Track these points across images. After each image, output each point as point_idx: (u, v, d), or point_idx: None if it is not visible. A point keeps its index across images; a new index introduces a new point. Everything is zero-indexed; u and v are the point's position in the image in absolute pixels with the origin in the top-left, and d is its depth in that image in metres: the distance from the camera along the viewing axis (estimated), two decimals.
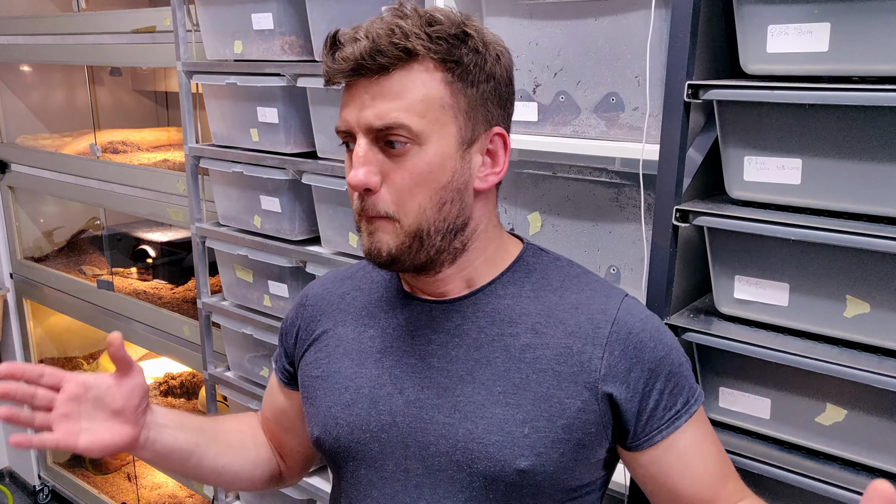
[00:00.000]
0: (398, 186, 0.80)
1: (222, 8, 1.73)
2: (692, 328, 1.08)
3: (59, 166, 2.65)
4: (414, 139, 0.79)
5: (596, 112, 1.22)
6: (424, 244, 0.82)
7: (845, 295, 0.99)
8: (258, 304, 1.87)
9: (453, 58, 0.79)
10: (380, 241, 0.82)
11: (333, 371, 0.93)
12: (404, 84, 0.78)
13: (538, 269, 0.91)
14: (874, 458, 0.99)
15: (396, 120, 0.78)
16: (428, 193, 0.80)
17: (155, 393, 2.87)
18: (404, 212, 0.80)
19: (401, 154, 0.79)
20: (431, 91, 0.79)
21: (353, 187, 0.80)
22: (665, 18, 1.10)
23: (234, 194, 1.85)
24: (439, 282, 0.88)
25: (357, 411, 0.89)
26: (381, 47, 0.77)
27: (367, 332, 0.93)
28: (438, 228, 0.82)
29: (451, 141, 0.80)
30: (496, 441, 0.83)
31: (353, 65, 0.78)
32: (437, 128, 0.79)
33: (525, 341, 0.85)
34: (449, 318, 0.88)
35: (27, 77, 3.04)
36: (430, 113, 0.79)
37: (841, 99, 0.91)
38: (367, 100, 0.79)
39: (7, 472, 3.34)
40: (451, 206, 0.82)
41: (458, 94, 0.80)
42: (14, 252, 3.03)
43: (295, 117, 1.68)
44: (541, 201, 1.33)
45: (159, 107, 3.22)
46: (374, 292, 0.96)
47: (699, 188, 1.14)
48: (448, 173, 0.81)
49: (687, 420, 0.86)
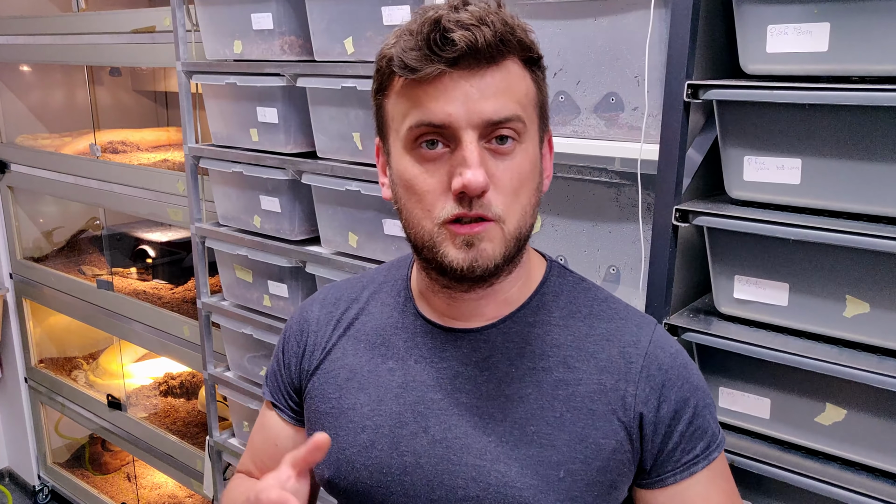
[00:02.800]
0: (506, 187, 0.74)
1: (222, 8, 1.73)
2: (692, 328, 1.08)
3: (58, 166, 2.65)
4: (522, 135, 0.74)
5: (595, 112, 1.22)
6: (519, 249, 0.77)
7: (845, 295, 0.99)
8: (258, 304, 1.86)
9: (540, 55, 0.77)
10: (485, 252, 0.74)
11: (347, 408, 0.85)
12: (510, 78, 0.73)
13: (565, 292, 0.86)
14: (874, 458, 0.99)
15: (515, 112, 0.73)
16: (528, 195, 0.76)
17: (155, 393, 2.87)
18: (510, 213, 0.74)
19: (508, 152, 0.74)
20: (529, 87, 0.76)
21: (471, 190, 0.71)
22: (664, 18, 1.10)
23: (234, 194, 1.85)
24: (483, 299, 0.82)
25: (377, 453, 0.82)
26: (503, 36, 0.71)
27: (384, 363, 0.85)
28: (528, 233, 0.78)
29: (536, 140, 0.78)
30: (532, 485, 0.77)
31: (466, 51, 0.70)
32: (531, 125, 0.76)
33: (558, 376, 0.80)
34: (477, 350, 0.82)
35: (27, 77, 3.04)
36: (529, 109, 0.76)
37: (840, 99, 0.91)
38: (474, 93, 0.71)
39: (7, 472, 3.34)
40: (537, 210, 0.79)
41: (540, 93, 0.78)
42: (14, 252, 3.02)
43: (295, 117, 1.68)
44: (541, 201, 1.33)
45: (159, 107, 3.22)
46: (388, 318, 0.88)
47: (699, 188, 1.14)
48: (538, 174, 0.78)
49: (705, 467, 0.81)
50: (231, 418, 2.12)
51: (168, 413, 2.73)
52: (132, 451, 2.72)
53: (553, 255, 1.33)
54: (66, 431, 3.24)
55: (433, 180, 0.74)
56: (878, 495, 0.95)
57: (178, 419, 2.68)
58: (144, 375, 2.98)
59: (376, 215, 1.54)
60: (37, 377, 3.07)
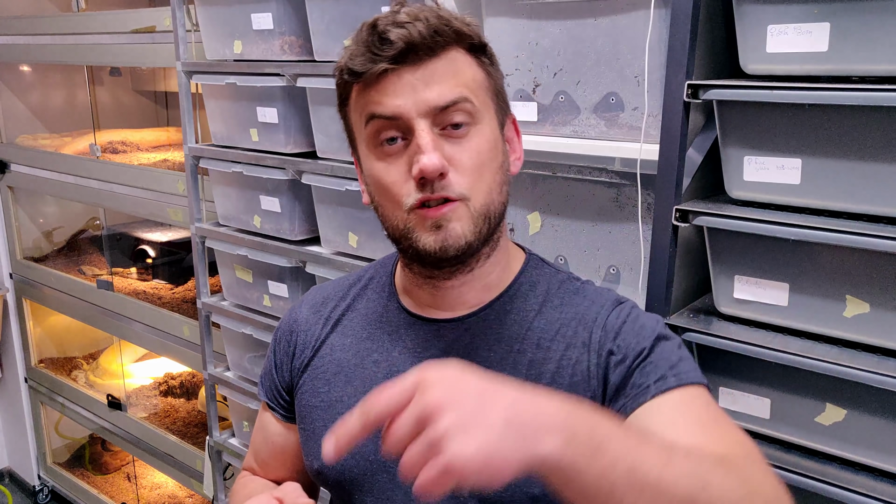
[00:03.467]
0: (466, 167, 0.78)
1: (222, 8, 1.73)
2: (692, 328, 1.08)
3: (58, 166, 2.65)
4: (474, 117, 0.78)
5: (595, 112, 1.22)
6: (490, 227, 0.81)
7: (845, 295, 0.99)
8: (258, 304, 1.86)
9: (484, 43, 0.81)
10: (454, 231, 0.78)
11: (335, 400, 0.89)
12: (453, 66, 0.78)
13: (542, 282, 0.89)
14: (874, 458, 1.00)
15: (461, 94, 0.77)
16: (491, 173, 0.80)
17: (155, 393, 2.87)
18: (475, 192, 0.78)
19: (463, 135, 0.78)
20: (476, 73, 0.80)
21: (428, 173, 0.75)
22: (664, 18, 1.10)
23: (234, 194, 1.85)
24: (465, 285, 0.86)
25: (363, 442, 0.84)
26: (438, 28, 0.76)
27: (369, 356, 0.90)
28: (500, 211, 0.82)
29: (494, 123, 0.82)
30: None
31: (405, 46, 0.75)
32: (485, 108, 0.80)
33: (531, 356, 0.84)
34: (458, 339, 0.86)
35: (27, 77, 3.04)
36: (480, 93, 0.80)
37: (840, 99, 0.91)
38: (419, 84, 0.77)
39: (7, 472, 3.34)
40: (506, 189, 0.83)
41: (491, 77, 0.82)
42: (14, 252, 3.02)
43: (294, 117, 1.68)
44: (540, 201, 1.33)
45: (159, 107, 3.22)
46: (373, 312, 0.93)
47: (699, 188, 1.14)
48: (500, 153, 0.82)
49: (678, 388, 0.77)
50: (231, 418, 2.12)
51: (168, 413, 2.73)
52: (132, 451, 2.72)
53: (553, 255, 1.33)
54: (66, 431, 3.24)
55: (396, 172, 0.79)
56: (878, 495, 0.95)
57: (178, 419, 2.68)
58: (144, 375, 2.98)
59: (376, 215, 1.54)
60: (37, 377, 3.07)
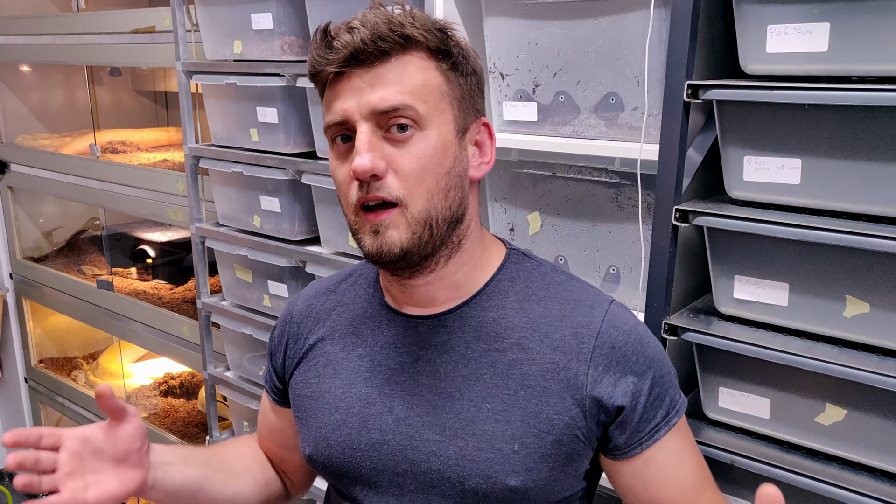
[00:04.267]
0: (406, 171, 0.78)
1: (222, 8, 1.73)
2: (692, 328, 1.08)
3: (58, 166, 2.65)
4: (419, 123, 0.79)
5: (595, 112, 1.22)
6: (433, 233, 0.81)
7: (845, 295, 0.99)
8: (258, 304, 1.87)
9: (446, 47, 0.81)
10: (390, 237, 0.79)
11: (323, 391, 0.93)
12: (403, 71, 0.79)
13: (522, 277, 0.90)
14: (874, 458, 1.00)
15: (403, 101, 0.78)
16: (434, 178, 0.80)
17: (155, 393, 2.87)
18: (413, 197, 0.79)
19: (405, 139, 0.79)
20: (429, 78, 0.80)
21: (358, 174, 0.77)
22: (665, 18, 1.10)
23: (234, 194, 1.85)
24: (430, 285, 0.87)
25: (347, 431, 0.89)
26: (382, 33, 0.77)
27: (355, 350, 0.92)
28: (445, 217, 0.81)
29: (449, 127, 0.81)
30: (487, 458, 0.83)
31: (351, 52, 0.77)
32: (437, 113, 0.80)
33: (512, 357, 0.85)
34: (436, 334, 0.88)
35: (27, 77, 3.04)
36: (431, 98, 0.80)
37: (840, 99, 0.91)
38: (365, 87, 0.78)
39: (7, 472, 3.34)
40: (454, 193, 0.82)
41: (452, 82, 0.82)
42: (14, 252, 3.02)
43: (294, 117, 1.68)
44: (540, 201, 1.33)
45: (159, 107, 3.22)
46: (358, 307, 0.95)
47: (699, 188, 1.14)
48: (450, 159, 0.81)
49: (667, 432, 0.86)
50: (231, 418, 2.12)
51: (168, 413, 2.73)
52: None
53: (553, 255, 1.33)
54: None
55: (344, 170, 0.82)
56: (878, 495, 0.95)
57: (178, 419, 2.68)
58: (144, 375, 2.98)
59: None
60: (37, 377, 3.07)
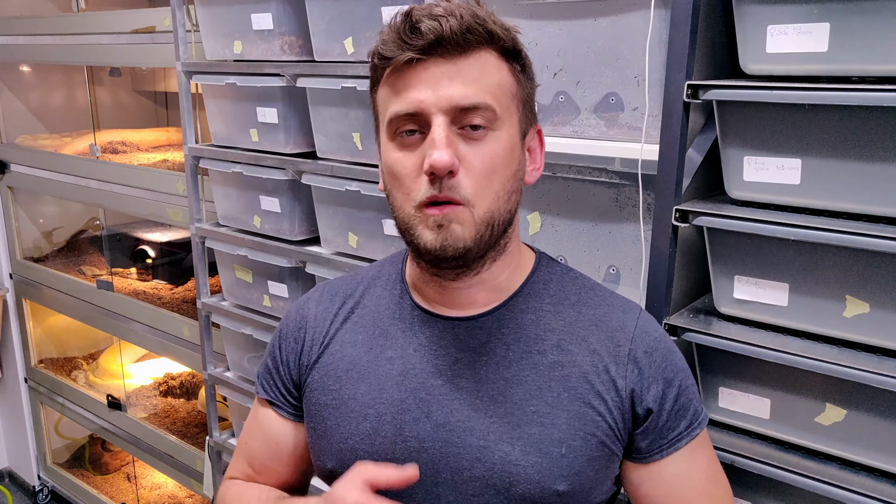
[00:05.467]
0: (477, 171, 0.77)
1: (222, 8, 1.73)
2: (692, 328, 1.08)
3: (58, 166, 2.65)
4: (493, 123, 0.78)
5: (595, 112, 1.22)
6: (492, 235, 0.80)
7: (845, 295, 0.99)
8: (258, 304, 1.86)
9: (518, 49, 0.81)
10: (454, 233, 0.77)
11: (348, 398, 0.87)
12: (483, 68, 0.77)
13: (554, 280, 0.89)
14: (874, 458, 0.99)
15: (484, 100, 0.76)
16: (501, 181, 0.79)
17: (155, 393, 2.87)
18: (480, 198, 0.77)
19: (479, 138, 0.77)
20: (504, 78, 0.79)
21: (437, 169, 0.74)
22: (664, 18, 1.10)
23: (234, 194, 1.85)
24: (473, 287, 0.85)
25: (380, 440, 0.84)
26: (470, 25, 0.75)
27: (383, 353, 0.88)
28: (504, 219, 0.81)
29: (516, 130, 0.81)
30: (535, 463, 0.80)
31: (436, 38, 0.75)
32: (507, 115, 0.80)
33: (553, 358, 0.84)
34: (473, 336, 0.85)
35: (27, 77, 3.04)
36: (504, 99, 0.79)
37: (840, 99, 0.91)
38: (443, 80, 0.76)
39: (7, 472, 3.34)
40: (515, 197, 0.82)
41: (520, 85, 0.82)
42: (14, 252, 3.02)
43: (294, 117, 1.68)
44: (540, 201, 1.33)
45: (159, 107, 3.22)
46: (384, 309, 0.91)
47: (699, 188, 1.14)
48: (516, 162, 0.81)
49: (688, 443, 0.85)
50: (231, 418, 2.12)
51: (168, 413, 2.73)
52: (132, 452, 2.72)
53: (553, 255, 1.33)
54: (66, 432, 3.24)
55: (410, 164, 0.78)
56: (878, 495, 0.95)
57: (178, 419, 2.68)
58: (144, 375, 2.97)
59: (376, 215, 1.54)
60: (37, 377, 3.07)
